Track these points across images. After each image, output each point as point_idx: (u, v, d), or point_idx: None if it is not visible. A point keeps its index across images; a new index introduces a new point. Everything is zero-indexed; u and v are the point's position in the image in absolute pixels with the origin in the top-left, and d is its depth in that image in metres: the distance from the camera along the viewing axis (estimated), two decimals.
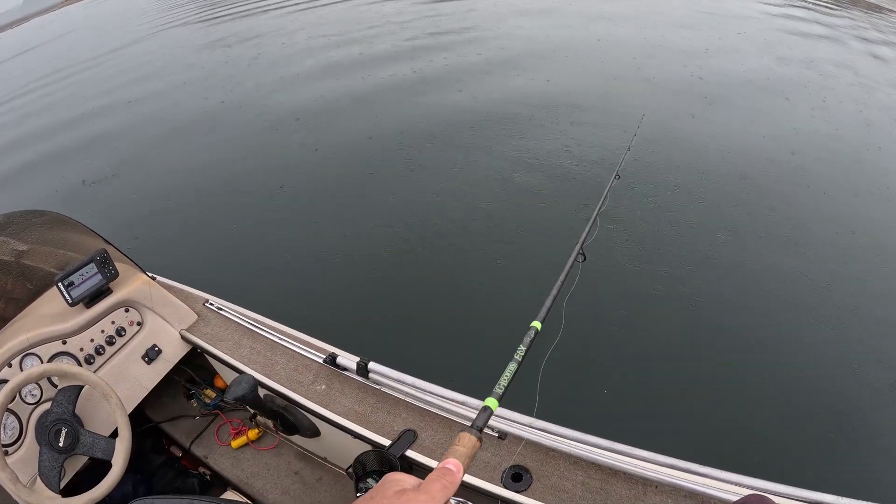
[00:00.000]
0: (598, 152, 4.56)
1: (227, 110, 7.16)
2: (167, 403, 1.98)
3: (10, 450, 1.53)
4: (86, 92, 10.05)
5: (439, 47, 8.32)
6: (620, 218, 3.59)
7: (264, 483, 1.66)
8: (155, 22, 18.14)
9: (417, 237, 3.73)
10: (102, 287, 1.67)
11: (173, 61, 11.17)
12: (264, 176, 5.03)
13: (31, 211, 1.77)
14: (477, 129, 5.26)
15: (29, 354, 1.62)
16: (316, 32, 10.76)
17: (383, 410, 1.41)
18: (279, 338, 1.63)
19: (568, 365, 2.53)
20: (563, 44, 8.03)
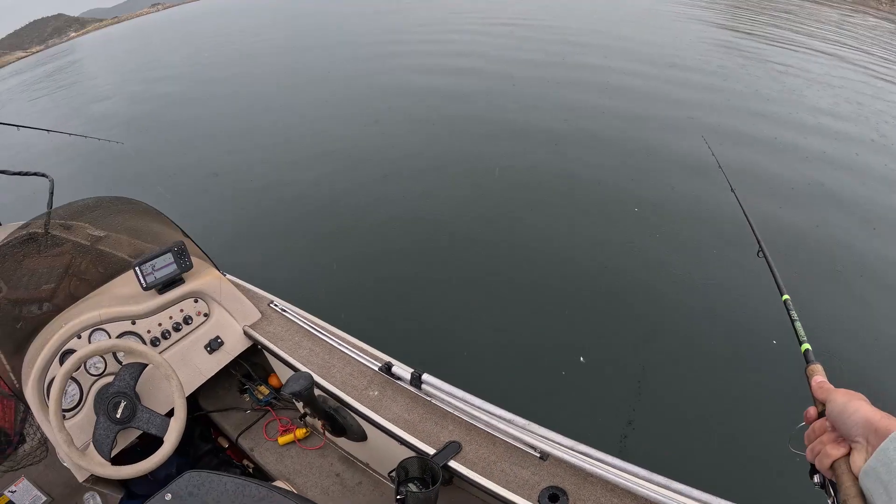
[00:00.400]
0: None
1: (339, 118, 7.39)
2: (220, 395, 2.05)
3: (67, 415, 1.65)
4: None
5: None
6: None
7: (305, 480, 1.70)
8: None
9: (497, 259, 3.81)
10: (176, 276, 1.76)
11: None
12: (346, 188, 5.26)
13: (121, 198, 1.88)
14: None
15: (98, 329, 1.72)
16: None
17: (431, 421, 1.44)
18: (338, 343, 1.68)
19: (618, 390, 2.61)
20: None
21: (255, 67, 12.42)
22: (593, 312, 3.20)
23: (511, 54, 9.27)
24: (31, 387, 1.62)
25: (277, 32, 15.88)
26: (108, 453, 1.58)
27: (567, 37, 10.34)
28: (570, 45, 9.63)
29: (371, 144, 6.18)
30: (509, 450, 1.33)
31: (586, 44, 9.74)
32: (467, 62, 9.19)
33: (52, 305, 1.99)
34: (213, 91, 10.66)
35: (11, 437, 2.04)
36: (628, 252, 3.72)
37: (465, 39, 11.21)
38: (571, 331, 3.07)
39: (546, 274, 3.56)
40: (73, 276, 2.06)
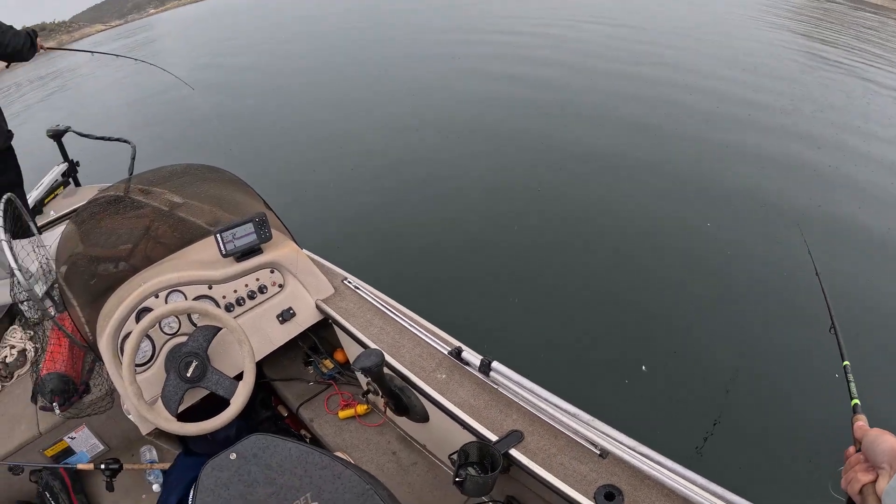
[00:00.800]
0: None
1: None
2: (285, 365, 2.10)
3: (138, 370, 1.70)
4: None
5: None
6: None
7: (361, 455, 1.74)
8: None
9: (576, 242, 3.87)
10: (255, 246, 1.81)
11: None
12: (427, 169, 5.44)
13: (210, 166, 1.95)
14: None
15: (175, 291, 1.78)
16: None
17: (496, 408, 1.45)
18: (409, 323, 1.71)
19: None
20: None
21: (335, 51, 12.65)
22: (658, 323, 3.23)
23: (583, 59, 9.18)
24: (105, 340, 1.67)
25: (362, 21, 16.04)
26: (175, 409, 1.62)
27: (644, 43, 10.18)
28: (647, 52, 9.47)
29: (458, 136, 6.27)
30: (570, 444, 1.33)
31: (663, 50, 9.56)
32: (548, 60, 9.18)
33: (128, 265, 2.07)
34: (287, 76, 10.87)
35: (78, 386, 2.13)
36: (697, 273, 3.70)
37: (541, 40, 11.11)
38: (635, 339, 3.10)
39: (617, 283, 3.59)
40: (150, 238, 2.15)
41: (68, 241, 2.01)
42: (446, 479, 1.69)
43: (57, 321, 1.94)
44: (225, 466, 1.14)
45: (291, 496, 1.07)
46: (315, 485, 1.08)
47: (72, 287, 1.94)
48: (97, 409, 2.05)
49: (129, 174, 2.34)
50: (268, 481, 1.10)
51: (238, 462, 1.14)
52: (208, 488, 1.11)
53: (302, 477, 1.10)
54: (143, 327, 1.59)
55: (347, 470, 1.11)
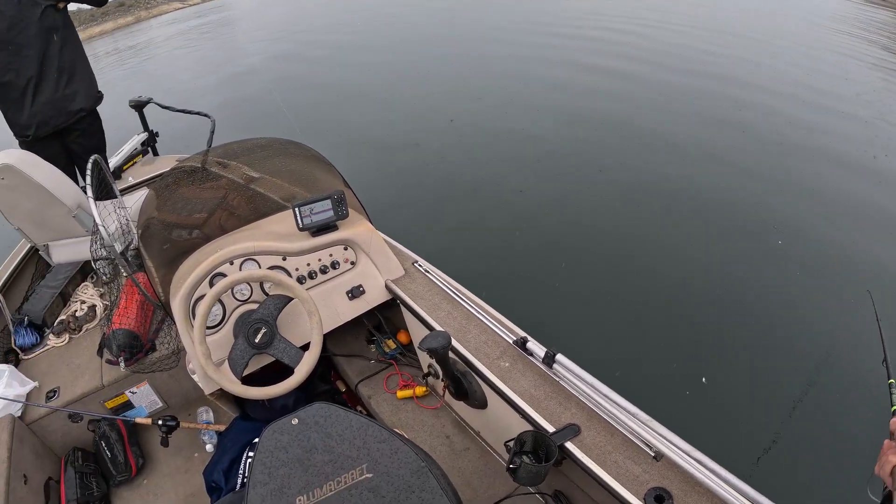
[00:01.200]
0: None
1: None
2: (348, 341, 2.16)
3: (208, 332, 1.75)
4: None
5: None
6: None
7: (415, 436, 1.77)
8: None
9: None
10: (331, 223, 1.87)
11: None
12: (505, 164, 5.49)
13: (294, 142, 2.02)
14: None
15: (250, 259, 1.84)
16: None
17: (556, 400, 1.46)
18: (476, 310, 1.73)
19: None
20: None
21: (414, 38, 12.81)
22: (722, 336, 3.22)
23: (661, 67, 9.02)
24: (179, 301, 1.73)
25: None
26: (240, 373, 1.67)
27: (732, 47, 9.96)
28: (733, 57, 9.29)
29: (532, 130, 6.32)
30: (626, 443, 1.33)
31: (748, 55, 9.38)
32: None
33: (202, 233, 2.15)
34: (364, 61, 10.99)
35: (144, 344, 2.22)
36: (765, 282, 3.66)
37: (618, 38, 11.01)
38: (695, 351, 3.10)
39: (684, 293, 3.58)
40: (224, 209, 2.23)
41: (147, 206, 2.10)
42: (497, 468, 1.71)
43: (135, 279, 2.03)
44: (286, 430, 1.17)
45: (348, 465, 1.10)
46: (372, 457, 1.11)
47: (148, 249, 2.03)
48: (163, 366, 2.14)
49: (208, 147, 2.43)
50: (326, 449, 1.13)
51: (299, 427, 1.17)
52: (268, 449, 1.14)
53: (360, 448, 1.12)
54: (217, 291, 1.64)
55: (405, 446, 1.13)
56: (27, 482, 1.97)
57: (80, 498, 2.07)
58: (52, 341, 2.49)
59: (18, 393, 2.19)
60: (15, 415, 2.11)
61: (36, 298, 2.64)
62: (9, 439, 1.96)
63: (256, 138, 2.07)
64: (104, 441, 2.24)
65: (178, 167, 2.22)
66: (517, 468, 1.32)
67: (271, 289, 1.82)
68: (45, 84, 2.75)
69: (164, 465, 2.26)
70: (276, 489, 1.07)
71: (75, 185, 2.48)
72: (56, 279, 2.70)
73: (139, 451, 2.28)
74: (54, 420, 2.22)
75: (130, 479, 2.22)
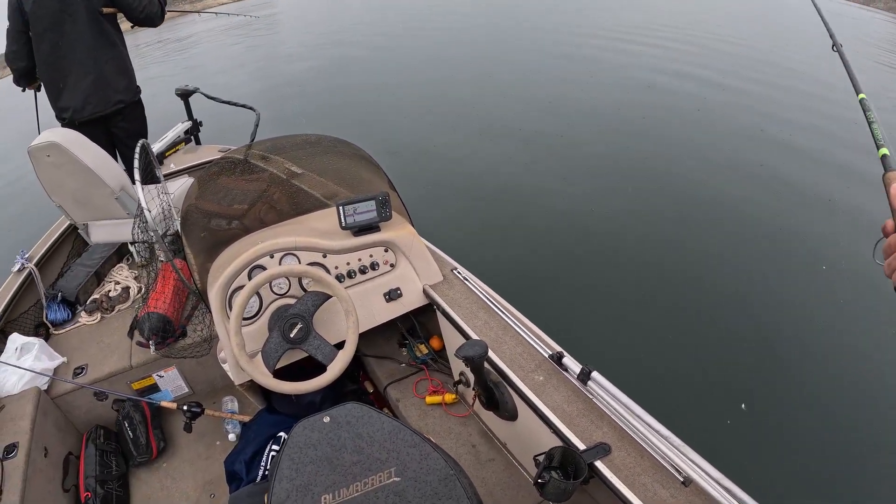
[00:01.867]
0: None
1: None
2: (380, 343, 2.17)
3: (243, 323, 1.74)
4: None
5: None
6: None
7: (440, 442, 1.76)
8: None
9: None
10: (373, 223, 1.88)
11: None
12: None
13: (342, 140, 2.04)
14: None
15: (290, 254, 1.85)
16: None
17: (588, 418, 1.45)
18: (513, 321, 1.73)
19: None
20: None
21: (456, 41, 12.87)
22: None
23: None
24: (216, 289, 1.73)
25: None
26: (272, 366, 1.67)
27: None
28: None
29: (579, 141, 6.32)
30: (655, 466, 1.31)
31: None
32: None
33: (241, 224, 2.18)
34: (409, 60, 11.16)
35: (175, 329, 2.25)
36: (812, 308, 3.58)
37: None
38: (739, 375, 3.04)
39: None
40: (265, 203, 2.25)
41: (190, 194, 2.13)
42: (520, 481, 1.70)
43: (175, 264, 2.06)
44: (317, 427, 1.17)
45: (376, 467, 1.10)
46: (401, 461, 1.11)
47: (188, 236, 2.05)
48: (194, 353, 2.16)
49: (251, 139, 2.47)
50: (356, 449, 1.13)
51: (330, 426, 1.17)
52: (297, 445, 1.14)
53: (390, 451, 1.12)
54: (256, 283, 1.64)
55: (435, 452, 1.13)
56: (47, 455, 1.99)
57: (98, 475, 2.09)
58: (83, 319, 2.52)
59: (46, 367, 2.23)
60: (41, 388, 2.15)
61: (71, 275, 2.68)
62: (33, 411, 1.99)
63: (305, 134, 2.09)
64: (127, 421, 2.26)
65: (221, 158, 2.25)
66: (546, 483, 1.31)
67: (310, 285, 1.83)
68: (84, 73, 2.83)
69: (184, 451, 2.27)
70: (302, 485, 1.07)
71: (119, 167, 2.53)
72: (92, 258, 2.75)
73: (161, 434, 2.30)
74: (79, 396, 2.25)
75: (150, 461, 2.24)
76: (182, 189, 2.72)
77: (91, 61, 2.83)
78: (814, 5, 1.42)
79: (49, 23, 2.70)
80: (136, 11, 2.87)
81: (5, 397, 2.07)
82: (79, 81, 2.83)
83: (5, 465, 1.78)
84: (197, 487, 2.13)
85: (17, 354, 2.19)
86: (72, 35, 2.75)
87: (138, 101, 3.10)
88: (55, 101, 2.90)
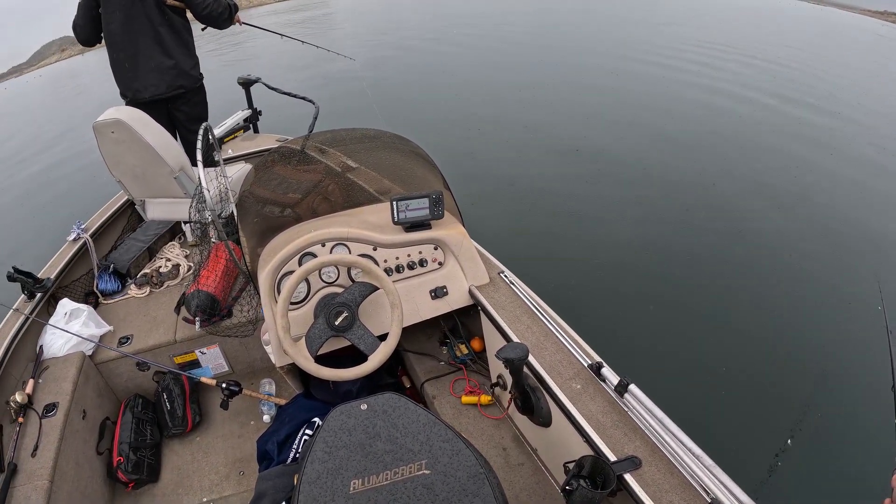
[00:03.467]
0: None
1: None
2: (421, 340, 2.20)
3: (290, 307, 1.79)
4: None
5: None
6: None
7: (473, 442, 1.79)
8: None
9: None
10: (425, 221, 1.92)
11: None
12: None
13: (400, 136, 2.09)
14: None
15: (341, 244, 1.89)
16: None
17: (621, 430, 1.45)
18: (555, 328, 1.74)
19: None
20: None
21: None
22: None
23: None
24: (267, 272, 1.77)
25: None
26: (315, 351, 1.69)
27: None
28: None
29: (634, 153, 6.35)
30: (684, 484, 1.30)
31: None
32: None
33: (293, 213, 2.25)
34: (461, 61, 11.36)
35: (221, 309, 2.32)
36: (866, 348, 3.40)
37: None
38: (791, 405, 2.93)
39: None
40: (318, 194, 2.33)
41: (247, 180, 2.21)
42: (548, 488, 1.71)
43: (228, 245, 2.14)
44: (353, 414, 1.20)
45: (408, 458, 1.11)
46: (433, 454, 1.12)
47: (242, 220, 2.13)
48: (239, 332, 2.23)
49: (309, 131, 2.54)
50: (389, 439, 1.15)
51: (367, 413, 1.20)
52: (332, 429, 1.17)
53: (423, 444, 1.14)
54: (307, 269, 1.68)
55: (467, 450, 1.14)
56: (85, 417, 2.07)
57: (132, 441, 2.16)
58: (132, 291, 2.62)
59: (93, 333, 2.31)
60: (86, 353, 2.23)
61: (123, 249, 2.79)
62: (76, 374, 2.07)
63: (365, 128, 2.14)
64: (166, 393, 2.34)
65: (279, 147, 2.33)
66: (573, 491, 1.31)
67: (358, 276, 1.87)
68: (148, 56, 2.95)
69: (219, 427, 2.34)
70: (333, 468, 1.09)
71: (179, 148, 2.63)
72: (146, 234, 2.85)
73: (198, 408, 2.37)
74: (122, 365, 2.33)
75: (184, 433, 2.31)
76: (239, 174, 2.81)
77: (156, 46, 2.94)
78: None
79: (119, 5, 2.81)
80: (198, 7, 2.98)
81: (50, 359, 2.16)
82: (142, 64, 2.94)
83: (43, 422, 1.86)
84: (227, 463, 2.19)
85: (66, 319, 2.28)
86: (140, 19, 2.86)
87: (200, 87, 3.21)
88: (119, 80, 3.02)
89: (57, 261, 2.60)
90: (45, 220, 6.05)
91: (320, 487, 1.07)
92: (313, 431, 1.90)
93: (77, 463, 1.90)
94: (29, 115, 14.86)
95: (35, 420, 1.87)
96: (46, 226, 5.73)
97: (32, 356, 2.17)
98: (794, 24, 17.83)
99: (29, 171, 8.39)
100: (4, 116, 15.77)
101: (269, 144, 3.29)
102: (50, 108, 15.20)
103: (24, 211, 6.74)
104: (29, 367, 2.12)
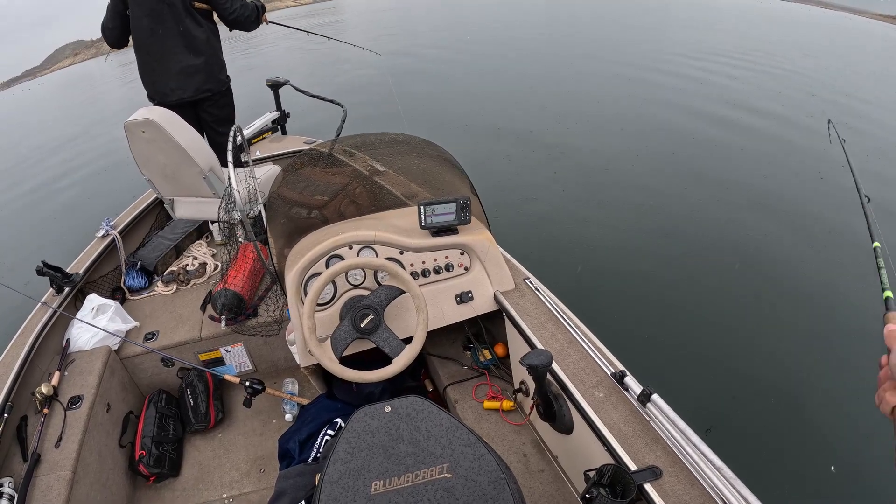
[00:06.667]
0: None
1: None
2: (445, 344, 2.21)
3: (316, 309, 1.80)
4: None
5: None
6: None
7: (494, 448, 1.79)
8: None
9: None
10: (452, 226, 1.92)
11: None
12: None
13: (428, 141, 2.11)
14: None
15: (368, 247, 1.89)
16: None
17: (643, 440, 1.44)
18: (580, 336, 1.74)
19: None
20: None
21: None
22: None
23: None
24: (294, 273, 1.79)
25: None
26: (340, 353, 1.70)
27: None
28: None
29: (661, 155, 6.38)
30: (703, 496, 1.29)
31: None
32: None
33: (320, 215, 2.28)
34: (475, 67, 11.49)
35: (247, 308, 2.36)
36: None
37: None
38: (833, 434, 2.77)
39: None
40: (345, 196, 2.35)
41: (275, 180, 2.24)
42: (567, 496, 1.70)
43: (256, 245, 2.17)
44: (377, 416, 1.21)
45: (429, 462, 1.12)
46: (455, 458, 1.13)
47: (270, 220, 2.16)
48: (264, 332, 2.26)
49: (337, 134, 2.57)
50: (412, 441, 1.15)
51: (391, 416, 1.21)
52: (356, 430, 1.18)
53: (445, 447, 1.14)
54: (335, 270, 1.69)
55: (489, 455, 1.14)
56: (109, 410, 2.11)
57: (154, 436, 2.19)
58: (159, 288, 2.67)
59: (119, 328, 2.36)
60: (112, 347, 2.27)
61: (151, 246, 2.84)
62: (101, 368, 2.11)
63: (394, 133, 2.16)
64: (190, 389, 2.37)
65: (307, 150, 2.36)
66: (593, 499, 1.31)
67: (385, 279, 1.88)
68: (175, 60, 3.00)
69: (241, 424, 2.36)
70: (354, 469, 1.10)
71: (210, 149, 2.68)
72: (174, 232, 2.91)
73: (221, 405, 2.40)
74: (147, 360, 2.37)
75: (206, 429, 2.33)
76: (268, 175, 2.85)
77: (183, 49, 2.99)
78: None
79: (148, 8, 2.86)
80: (225, 11, 3.03)
81: (77, 352, 2.20)
82: (170, 67, 3.00)
83: (68, 414, 1.90)
84: (248, 461, 2.22)
85: (94, 314, 2.33)
86: (168, 22, 2.92)
87: (227, 90, 3.26)
88: (147, 83, 3.08)
89: (85, 256, 2.65)
90: (75, 217, 6.19)
91: (342, 487, 1.08)
92: (335, 432, 1.91)
93: (100, 455, 1.93)
94: (61, 112, 15.21)
95: (60, 412, 1.91)
96: (76, 222, 5.86)
97: (59, 349, 2.22)
98: (807, 29, 17.42)
99: (60, 169, 8.59)
100: (34, 115, 16.15)
101: (296, 146, 3.34)
102: (81, 105, 15.54)
103: (54, 206, 6.89)
104: (55, 359, 2.17)
